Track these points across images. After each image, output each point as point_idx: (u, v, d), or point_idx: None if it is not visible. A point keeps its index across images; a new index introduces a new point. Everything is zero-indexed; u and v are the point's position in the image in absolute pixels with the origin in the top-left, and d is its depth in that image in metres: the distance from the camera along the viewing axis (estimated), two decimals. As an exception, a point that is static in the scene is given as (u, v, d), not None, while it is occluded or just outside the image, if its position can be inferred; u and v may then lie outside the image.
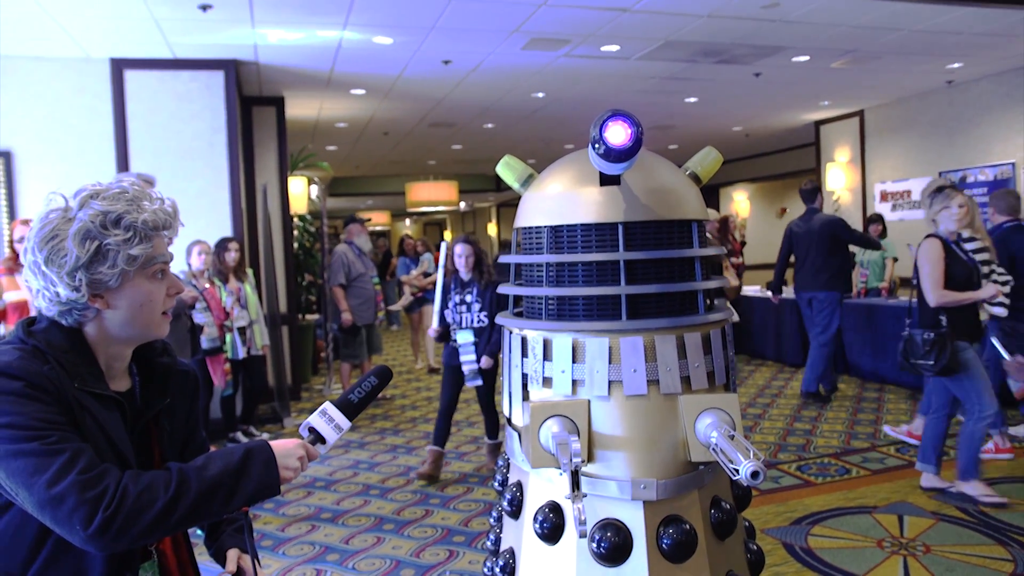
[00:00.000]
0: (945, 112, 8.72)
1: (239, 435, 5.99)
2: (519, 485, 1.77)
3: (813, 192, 6.89)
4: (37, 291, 1.36)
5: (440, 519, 4.31)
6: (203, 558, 1.63)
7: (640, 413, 1.64)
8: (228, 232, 6.23)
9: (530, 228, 1.79)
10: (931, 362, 4.06)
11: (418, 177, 16.24)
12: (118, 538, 1.21)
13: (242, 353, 5.69)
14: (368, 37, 5.97)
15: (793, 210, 16.02)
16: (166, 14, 5.18)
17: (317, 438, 1.50)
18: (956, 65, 7.57)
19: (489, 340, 4.86)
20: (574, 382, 1.67)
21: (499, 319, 1.93)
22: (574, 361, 1.68)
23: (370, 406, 7.29)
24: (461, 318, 4.90)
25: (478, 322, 4.86)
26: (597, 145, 1.52)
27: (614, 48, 6.53)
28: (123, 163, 6.00)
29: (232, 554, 1.59)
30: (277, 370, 6.91)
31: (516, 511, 1.77)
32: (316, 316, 9.31)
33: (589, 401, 1.64)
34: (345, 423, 1.53)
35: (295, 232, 8.83)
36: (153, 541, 1.33)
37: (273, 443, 1.42)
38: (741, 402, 6.61)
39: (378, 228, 27.35)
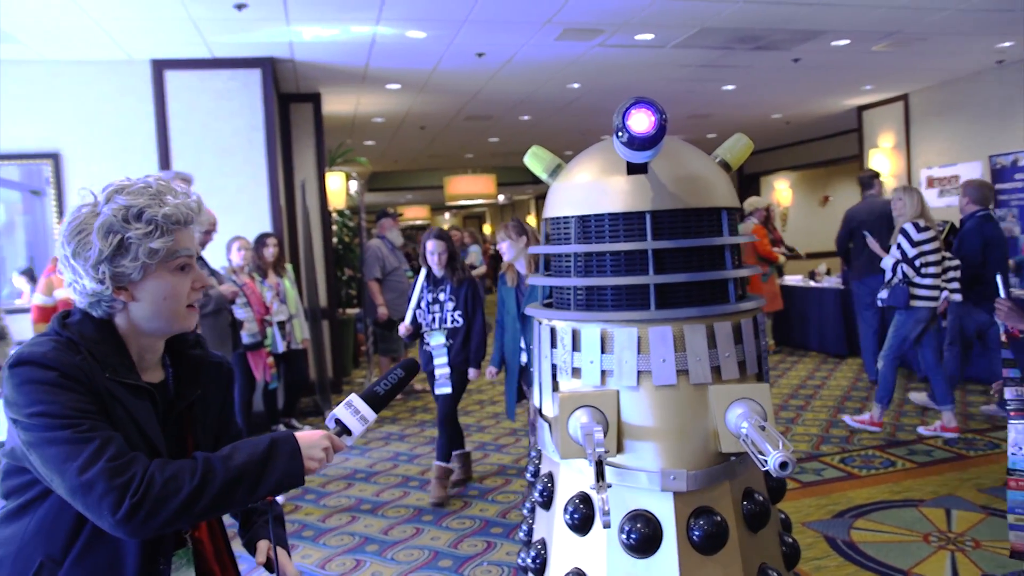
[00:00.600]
0: (995, 93, 8.44)
1: (281, 427, 6.09)
2: (550, 476, 1.78)
3: (871, 179, 6.97)
4: (69, 283, 1.41)
5: (478, 510, 4.33)
6: (240, 547, 1.66)
7: (670, 403, 1.62)
8: (267, 228, 6.31)
9: (558, 218, 1.79)
10: None
11: (456, 171, 16.27)
12: (145, 524, 1.25)
13: (282, 347, 5.77)
14: (401, 32, 6.00)
15: (836, 198, 15.70)
16: (203, 14, 5.26)
17: (343, 430, 1.52)
18: (1007, 44, 7.31)
19: (466, 342, 4.53)
20: (603, 372, 1.67)
21: (529, 310, 1.92)
22: (603, 351, 1.67)
23: (411, 399, 7.36)
24: (434, 318, 4.57)
25: (452, 322, 4.54)
26: (621, 133, 1.50)
27: (648, 37, 6.45)
28: (165, 162, 6.13)
29: (263, 545, 1.61)
30: (318, 364, 7.00)
31: (547, 502, 1.77)
32: (356, 310, 9.41)
33: (618, 392, 1.64)
34: (371, 415, 1.53)
35: (334, 227, 8.92)
36: (179, 528, 1.35)
37: (298, 434, 1.43)
38: (783, 393, 6.53)
39: (418, 222, 27.53)
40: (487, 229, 28.23)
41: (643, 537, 1.57)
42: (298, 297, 6.25)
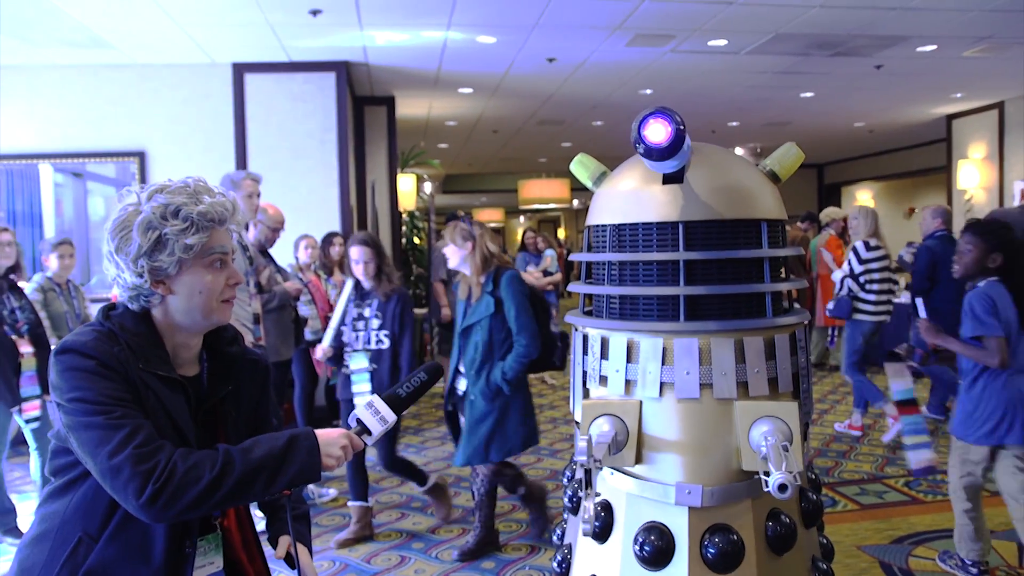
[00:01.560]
0: (1097, 103, 7.95)
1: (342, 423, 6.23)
2: (580, 483, 1.77)
3: None
4: (112, 278, 1.49)
5: (526, 514, 4.33)
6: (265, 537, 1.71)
7: (691, 417, 1.60)
8: (336, 228, 6.48)
9: (597, 226, 1.80)
10: None
11: (530, 174, 16.32)
12: (166, 509, 1.32)
13: (345, 344, 5.91)
14: (472, 37, 6.07)
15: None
16: (280, 19, 5.45)
17: (363, 429, 1.55)
18: (1109, 51, 6.89)
19: (394, 369, 3.89)
20: (628, 382, 1.67)
21: (569, 317, 1.92)
22: (628, 361, 1.67)
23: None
24: (357, 336, 3.97)
25: (376, 343, 3.91)
26: (638, 144, 1.49)
27: (722, 43, 6.34)
28: (242, 162, 6.37)
29: (284, 540, 1.66)
30: (381, 362, 7.14)
31: (575, 508, 1.78)
32: (424, 310, 9.55)
33: (641, 402, 1.63)
34: (391, 416, 1.56)
35: (403, 228, 9.08)
36: (200, 514, 1.41)
37: (318, 431, 1.48)
38: (851, 411, 6.28)
39: (492, 225, 27.73)
40: (561, 234, 28.20)
41: (656, 550, 1.56)
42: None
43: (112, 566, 1.41)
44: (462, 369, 3.73)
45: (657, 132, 1.46)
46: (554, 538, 2.00)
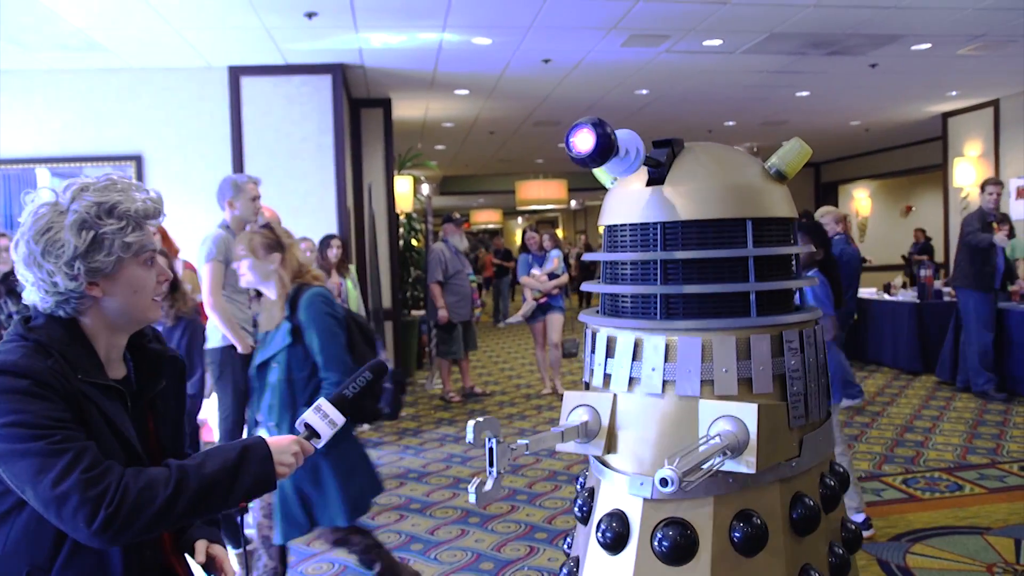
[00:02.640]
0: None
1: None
2: (591, 491, 1.77)
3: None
4: (32, 284, 1.40)
5: (525, 515, 4.34)
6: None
7: (655, 412, 1.63)
8: (334, 230, 6.49)
9: (604, 227, 1.84)
10: None
11: (527, 175, 16.33)
12: (120, 534, 1.27)
13: (343, 346, 5.91)
14: (467, 38, 6.08)
15: (919, 208, 15.08)
16: (276, 22, 5.46)
17: (312, 434, 1.54)
18: (1104, 48, 6.91)
19: None
20: (606, 376, 1.71)
21: (582, 316, 1.94)
22: (608, 356, 1.71)
23: (471, 402, 7.43)
24: None
25: None
26: (568, 151, 1.53)
27: (717, 42, 6.35)
28: (238, 164, 6.37)
29: (200, 545, 1.61)
30: (380, 363, 7.14)
31: (585, 518, 1.76)
32: (422, 312, 9.56)
33: (615, 395, 1.67)
34: (339, 419, 1.56)
35: (400, 230, 9.09)
36: (155, 535, 1.39)
37: (269, 439, 1.47)
38: (849, 409, 6.30)
39: (490, 226, 27.76)
40: (560, 234, 28.25)
41: (615, 535, 1.60)
42: (360, 298, 6.39)
43: None
44: (259, 418, 2.92)
45: (584, 141, 1.48)
46: (564, 546, 2.00)
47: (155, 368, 1.59)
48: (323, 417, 1.55)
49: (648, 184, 1.67)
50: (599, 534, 1.62)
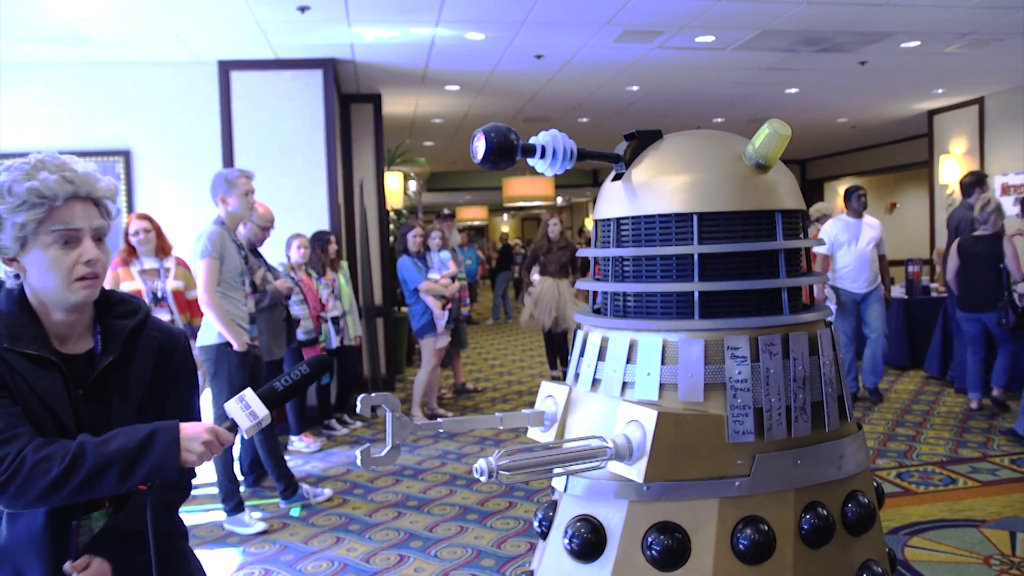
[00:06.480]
0: (1076, 98, 8.07)
1: (333, 422, 6.20)
2: (554, 505, 1.69)
3: (973, 184, 6.82)
4: None
5: (523, 511, 4.33)
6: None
7: (586, 409, 1.62)
8: (325, 226, 6.44)
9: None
10: None
11: (515, 172, 16.32)
12: (15, 500, 1.36)
13: (336, 343, 5.88)
14: (460, 33, 6.05)
15: (904, 205, 15.22)
16: (267, 16, 5.40)
17: (232, 424, 1.50)
18: (1089, 47, 6.99)
19: None
20: (576, 372, 1.73)
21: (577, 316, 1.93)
22: (580, 353, 1.72)
23: (462, 398, 7.41)
24: None
25: None
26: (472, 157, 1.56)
27: (709, 39, 6.37)
28: (228, 159, 6.31)
29: (82, 561, 1.52)
30: (371, 360, 7.11)
31: (544, 533, 1.68)
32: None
33: (570, 388, 1.68)
34: (262, 411, 1.50)
35: (391, 226, 9.04)
36: (52, 504, 1.42)
37: (185, 425, 1.45)
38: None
39: (476, 223, 27.71)
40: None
41: (547, 521, 1.64)
42: (352, 294, 6.36)
43: (12, 546, 1.48)
44: None
45: (479, 147, 1.51)
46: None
47: (115, 343, 1.55)
48: (245, 408, 1.49)
49: (613, 179, 1.65)
50: (535, 523, 1.62)
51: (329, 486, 4.82)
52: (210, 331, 4.07)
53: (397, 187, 9.06)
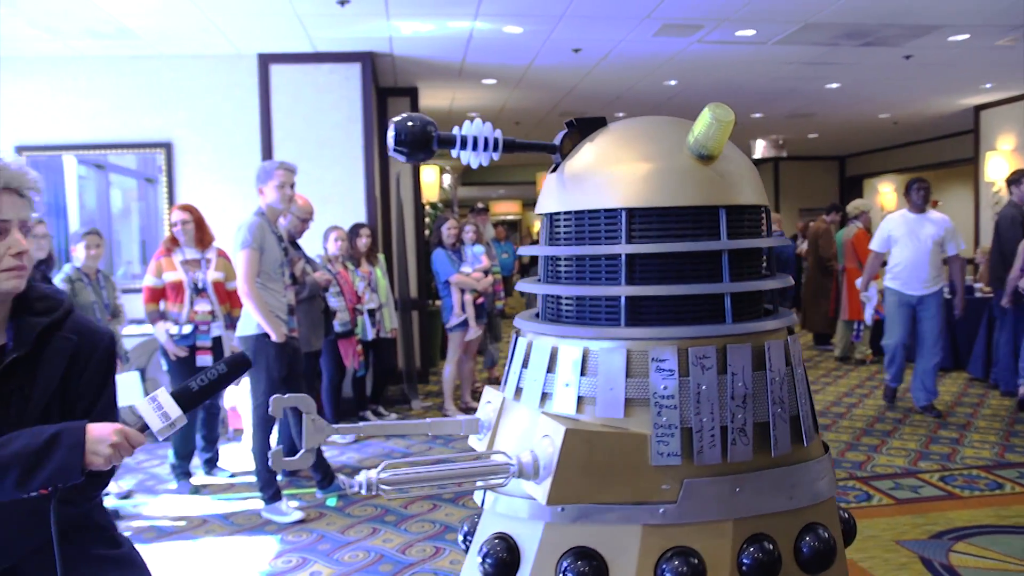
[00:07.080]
0: None
1: (368, 414, 6.24)
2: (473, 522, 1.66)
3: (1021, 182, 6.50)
4: None
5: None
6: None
7: (512, 417, 1.54)
8: (362, 219, 6.47)
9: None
10: None
11: (548, 166, 16.26)
12: None
13: (372, 335, 5.91)
14: (498, 27, 6.03)
15: (946, 203, 14.87)
16: (307, 10, 5.43)
17: (144, 425, 1.44)
18: None
19: None
20: (505, 378, 1.67)
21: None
22: (509, 358, 1.66)
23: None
24: None
25: None
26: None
27: (750, 33, 6.27)
28: (267, 152, 6.37)
29: None
30: (406, 353, 7.14)
31: (467, 547, 1.62)
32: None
33: (504, 398, 1.58)
34: (175, 412, 1.44)
35: (427, 219, 9.07)
36: None
37: (90, 427, 1.41)
38: (879, 404, 6.24)
39: (509, 217, 27.69)
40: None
41: (469, 532, 1.60)
42: (388, 286, 6.38)
43: None
44: None
45: (390, 135, 1.46)
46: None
47: (22, 339, 1.51)
48: (157, 408, 1.43)
49: (551, 172, 1.59)
50: (479, 558, 1.43)
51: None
52: (249, 322, 4.10)
53: (433, 180, 9.08)
